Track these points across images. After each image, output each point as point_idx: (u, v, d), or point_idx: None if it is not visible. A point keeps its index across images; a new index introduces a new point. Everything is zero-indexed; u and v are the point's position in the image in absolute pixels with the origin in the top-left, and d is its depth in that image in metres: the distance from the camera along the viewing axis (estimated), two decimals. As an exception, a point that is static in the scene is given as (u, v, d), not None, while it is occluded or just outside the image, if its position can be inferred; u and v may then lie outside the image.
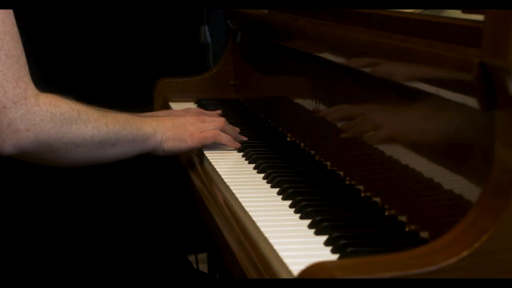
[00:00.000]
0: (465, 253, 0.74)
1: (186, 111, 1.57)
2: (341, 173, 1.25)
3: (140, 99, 1.83)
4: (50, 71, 2.30)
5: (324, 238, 0.96)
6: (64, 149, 1.20)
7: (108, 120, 1.26)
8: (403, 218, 1.02)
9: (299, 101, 1.48)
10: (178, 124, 1.38)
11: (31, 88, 1.15)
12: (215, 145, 1.45)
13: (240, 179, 1.26)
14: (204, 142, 1.39)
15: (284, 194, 1.14)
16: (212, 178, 1.33)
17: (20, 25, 1.16)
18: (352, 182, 1.20)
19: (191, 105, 1.84)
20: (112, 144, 1.26)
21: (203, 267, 2.27)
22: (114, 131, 1.26)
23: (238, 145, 1.44)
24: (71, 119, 1.19)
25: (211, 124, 1.42)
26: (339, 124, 1.27)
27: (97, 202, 2.33)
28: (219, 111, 1.58)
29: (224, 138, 1.42)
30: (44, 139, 1.16)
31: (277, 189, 1.17)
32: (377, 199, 1.10)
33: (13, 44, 1.13)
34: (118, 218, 1.56)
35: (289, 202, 1.11)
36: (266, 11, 1.63)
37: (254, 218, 1.04)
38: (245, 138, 1.48)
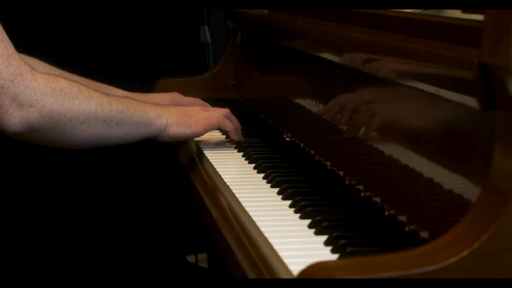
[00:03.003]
0: (464, 253, 0.74)
1: (184, 98, 1.57)
2: (341, 173, 1.25)
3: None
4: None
5: (324, 238, 0.96)
6: (70, 126, 1.19)
7: (110, 99, 1.25)
8: (403, 218, 1.02)
9: (299, 101, 1.48)
10: (182, 111, 1.38)
11: (24, 65, 1.15)
12: (215, 145, 1.45)
13: (240, 179, 1.26)
14: (208, 128, 1.38)
15: (284, 194, 1.14)
16: (212, 178, 1.33)
17: (21, 28, 1.15)
18: (352, 182, 1.20)
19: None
20: (117, 124, 1.25)
21: (203, 267, 2.27)
22: (118, 110, 1.25)
23: (241, 137, 1.43)
24: (72, 94, 1.19)
25: (215, 111, 1.41)
26: (339, 124, 1.27)
27: (97, 202, 2.32)
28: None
29: (228, 125, 1.41)
30: (47, 113, 1.16)
31: (277, 189, 1.17)
32: (377, 199, 1.10)
33: None
34: (117, 218, 1.56)
35: (289, 202, 1.11)
36: (266, 11, 1.63)
37: (254, 218, 1.04)
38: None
